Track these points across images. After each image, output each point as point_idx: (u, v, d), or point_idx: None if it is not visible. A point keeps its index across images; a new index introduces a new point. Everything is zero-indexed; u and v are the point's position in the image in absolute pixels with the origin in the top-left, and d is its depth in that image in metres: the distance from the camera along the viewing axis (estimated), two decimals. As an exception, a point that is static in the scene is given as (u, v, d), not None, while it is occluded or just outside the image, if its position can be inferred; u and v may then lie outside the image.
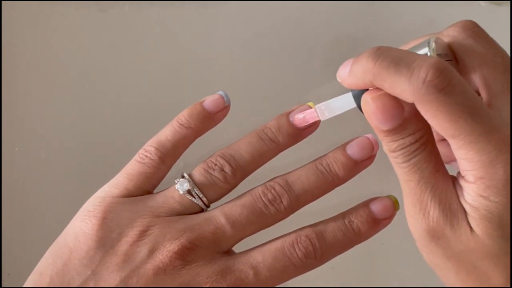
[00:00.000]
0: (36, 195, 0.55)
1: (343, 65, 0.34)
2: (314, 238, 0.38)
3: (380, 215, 0.39)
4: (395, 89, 0.31)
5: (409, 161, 0.33)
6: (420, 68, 0.30)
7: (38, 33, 0.54)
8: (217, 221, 0.38)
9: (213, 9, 0.55)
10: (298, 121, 0.40)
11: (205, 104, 0.41)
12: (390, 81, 0.31)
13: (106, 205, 0.38)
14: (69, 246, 0.37)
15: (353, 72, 0.33)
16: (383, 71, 0.31)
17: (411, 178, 0.33)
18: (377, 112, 0.33)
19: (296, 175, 0.39)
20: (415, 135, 0.33)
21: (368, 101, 0.33)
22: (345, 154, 0.39)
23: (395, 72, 0.31)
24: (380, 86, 0.32)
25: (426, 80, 0.30)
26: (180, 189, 0.39)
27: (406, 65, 0.31)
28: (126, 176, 0.39)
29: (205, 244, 0.37)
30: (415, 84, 0.30)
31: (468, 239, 0.32)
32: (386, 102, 0.33)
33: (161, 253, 0.37)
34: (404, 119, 0.33)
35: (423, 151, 0.33)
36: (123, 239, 0.37)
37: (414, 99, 0.31)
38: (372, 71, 0.32)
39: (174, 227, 0.37)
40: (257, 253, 0.38)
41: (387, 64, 0.31)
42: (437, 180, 0.33)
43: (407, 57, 0.31)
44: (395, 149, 0.33)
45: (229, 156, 0.39)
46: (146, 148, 0.40)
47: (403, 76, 0.31)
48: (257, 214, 0.38)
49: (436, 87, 0.30)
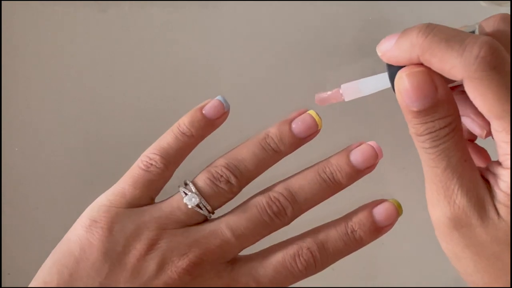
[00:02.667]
0: (36, 195, 0.55)
1: (387, 38, 0.33)
2: (316, 250, 0.38)
3: (383, 223, 0.39)
4: (445, 64, 0.31)
5: (437, 146, 0.32)
6: (473, 45, 0.30)
7: (38, 33, 0.54)
8: (223, 235, 0.38)
9: (213, 9, 0.55)
10: (322, 101, 0.39)
11: (205, 111, 0.40)
12: (440, 55, 0.31)
13: (112, 216, 0.38)
14: (75, 256, 0.37)
15: (399, 44, 0.32)
16: (433, 45, 0.31)
17: (438, 165, 0.33)
18: (410, 90, 0.32)
19: (299, 184, 0.39)
20: (445, 120, 0.32)
21: (403, 77, 0.32)
22: (349, 163, 0.39)
23: (446, 47, 0.31)
24: (428, 61, 0.31)
25: (479, 56, 0.30)
26: (189, 203, 0.39)
27: (459, 41, 0.30)
28: (132, 185, 0.39)
29: (212, 258, 0.38)
30: (467, 60, 0.30)
31: (495, 229, 0.31)
32: (421, 79, 0.32)
33: (170, 269, 0.37)
34: (437, 101, 0.32)
35: (452, 138, 0.32)
36: (131, 253, 0.37)
37: (465, 75, 0.30)
38: (422, 45, 0.31)
39: (181, 241, 0.38)
40: (260, 266, 0.38)
41: (439, 39, 0.31)
42: (465, 169, 0.32)
43: (459, 34, 0.31)
44: (422, 132, 0.32)
45: (234, 167, 0.39)
46: (150, 156, 0.40)
47: (455, 52, 0.30)
48: (262, 226, 0.39)
49: (489, 64, 0.30)
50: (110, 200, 0.39)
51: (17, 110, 0.54)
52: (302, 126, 0.40)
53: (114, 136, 0.55)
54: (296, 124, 0.40)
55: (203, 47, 0.56)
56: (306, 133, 0.40)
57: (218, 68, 0.56)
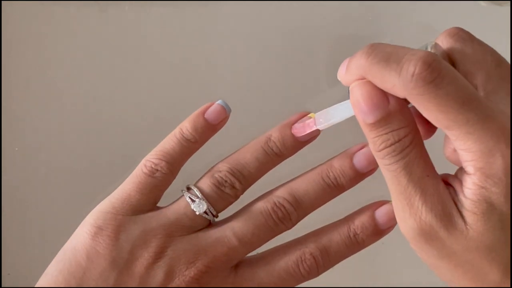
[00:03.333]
0: (36, 195, 0.55)
1: (342, 64, 0.34)
2: (319, 255, 0.39)
3: (385, 225, 0.39)
4: (386, 84, 0.31)
5: (397, 162, 0.33)
6: (409, 62, 0.30)
7: (38, 33, 0.54)
8: (230, 242, 0.38)
9: (213, 9, 0.55)
10: (298, 131, 0.40)
11: (208, 117, 0.40)
12: (380, 76, 0.31)
13: (119, 223, 0.38)
14: (82, 265, 0.37)
15: (349, 69, 0.33)
16: (374, 67, 0.31)
17: (400, 182, 0.33)
18: (361, 102, 0.33)
19: (303, 190, 0.39)
20: (400, 132, 0.32)
21: (353, 89, 0.33)
22: (352, 167, 0.39)
23: (385, 66, 0.31)
24: (372, 81, 0.32)
25: (415, 74, 0.30)
26: (198, 210, 0.38)
27: (396, 60, 0.31)
28: (138, 191, 0.39)
29: (219, 266, 0.38)
30: (404, 78, 0.30)
31: (465, 238, 0.32)
32: (369, 89, 0.32)
33: (178, 278, 0.37)
34: (388, 112, 0.32)
35: (410, 152, 0.32)
36: (138, 261, 0.37)
37: (405, 93, 0.31)
38: (364, 67, 0.32)
39: (188, 249, 0.38)
40: (263, 272, 0.39)
41: (378, 60, 0.31)
42: (427, 185, 0.32)
43: (397, 52, 0.31)
44: (379, 146, 0.33)
45: (238, 173, 0.39)
46: (155, 162, 0.39)
47: (393, 71, 0.31)
48: (267, 232, 0.39)
49: (425, 79, 0.30)
50: (116, 207, 0.38)
51: (17, 110, 0.54)
52: (303, 130, 0.40)
53: (114, 135, 0.55)
54: (297, 127, 0.40)
55: (203, 47, 0.56)
56: (307, 137, 0.40)
57: (218, 68, 0.56)
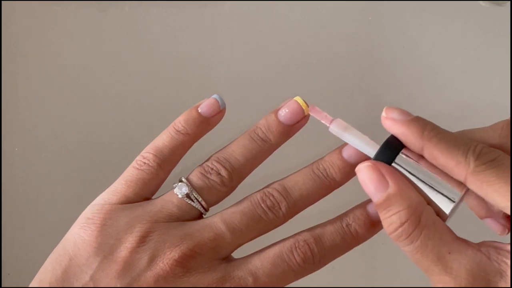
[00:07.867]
0: (36, 195, 0.55)
1: (400, 111, 0.36)
2: (312, 242, 0.38)
3: (377, 217, 0.39)
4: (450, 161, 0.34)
5: (408, 245, 0.34)
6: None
7: (38, 33, 0.54)
8: (217, 228, 0.38)
9: (213, 9, 0.55)
10: (288, 112, 0.40)
11: (201, 109, 0.41)
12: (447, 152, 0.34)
13: (105, 212, 0.38)
14: (69, 253, 0.37)
15: (409, 126, 0.35)
16: (441, 144, 0.34)
17: (419, 262, 0.35)
18: (366, 183, 0.35)
19: (293, 181, 0.39)
20: (401, 215, 0.34)
21: (359, 170, 0.35)
22: (341, 158, 0.39)
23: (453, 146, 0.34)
24: (432, 155, 0.34)
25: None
26: (179, 193, 0.39)
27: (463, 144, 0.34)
28: (124, 183, 0.39)
29: (205, 251, 0.37)
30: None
31: None
32: (370, 173, 0.35)
33: (162, 261, 0.37)
34: (388, 195, 0.34)
35: (419, 236, 0.34)
36: (122, 245, 0.37)
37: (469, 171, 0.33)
38: (431, 140, 0.34)
39: (174, 234, 0.37)
40: (256, 259, 0.38)
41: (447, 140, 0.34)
42: (448, 262, 0.34)
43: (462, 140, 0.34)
44: (388, 229, 0.35)
45: (224, 160, 0.40)
46: (144, 155, 0.40)
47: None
48: (256, 220, 0.38)
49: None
50: (104, 199, 0.39)
51: (17, 110, 0.54)
52: (288, 112, 0.40)
53: (114, 135, 0.55)
54: (282, 112, 0.40)
55: (203, 47, 0.56)
56: (292, 120, 0.40)
57: (217, 68, 0.56)
